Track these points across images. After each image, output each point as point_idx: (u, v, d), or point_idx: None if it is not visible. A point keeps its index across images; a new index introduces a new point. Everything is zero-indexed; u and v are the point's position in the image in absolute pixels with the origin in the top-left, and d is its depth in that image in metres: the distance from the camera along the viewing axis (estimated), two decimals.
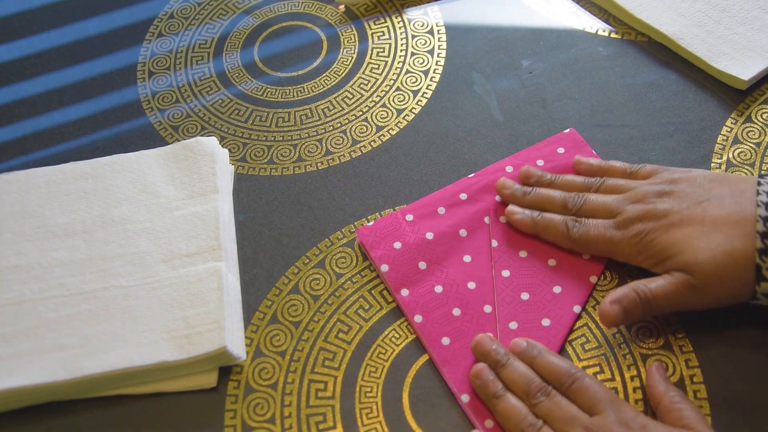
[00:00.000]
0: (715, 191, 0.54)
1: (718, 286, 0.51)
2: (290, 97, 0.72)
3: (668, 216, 0.54)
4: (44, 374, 0.53)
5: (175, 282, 0.57)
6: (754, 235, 0.50)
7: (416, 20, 0.76)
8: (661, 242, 0.53)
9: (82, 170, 0.64)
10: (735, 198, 0.53)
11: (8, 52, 0.77)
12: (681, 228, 0.53)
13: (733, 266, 0.50)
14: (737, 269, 0.50)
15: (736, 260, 0.50)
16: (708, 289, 0.51)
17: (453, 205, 0.61)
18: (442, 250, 0.59)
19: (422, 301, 0.57)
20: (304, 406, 0.54)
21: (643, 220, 0.55)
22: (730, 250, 0.51)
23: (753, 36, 0.69)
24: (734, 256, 0.50)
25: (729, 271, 0.51)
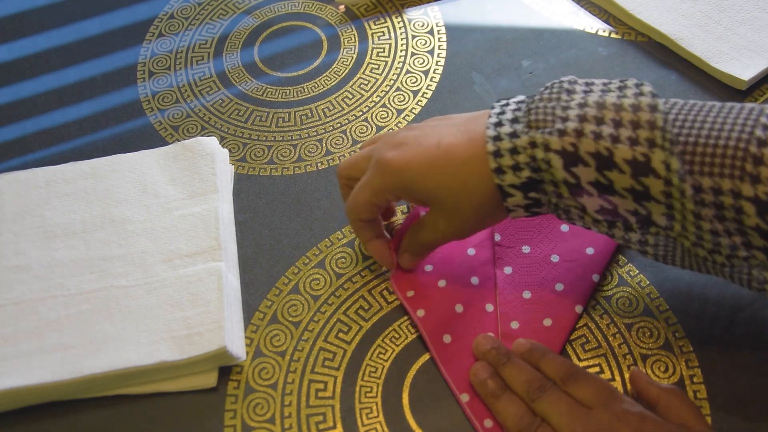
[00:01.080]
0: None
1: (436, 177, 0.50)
2: (290, 97, 0.72)
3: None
4: (44, 374, 0.53)
5: (175, 282, 0.57)
6: (484, 156, 0.49)
7: (416, 20, 0.76)
8: None
9: (82, 170, 0.64)
10: (467, 141, 0.51)
11: (8, 52, 0.77)
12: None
13: (473, 196, 0.50)
14: (477, 198, 0.50)
15: (474, 188, 0.50)
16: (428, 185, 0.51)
17: None
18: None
19: (425, 293, 0.57)
20: (304, 406, 0.54)
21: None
22: (466, 179, 0.50)
23: (753, 36, 0.69)
24: (472, 184, 0.49)
25: (469, 202, 0.50)
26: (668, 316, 0.56)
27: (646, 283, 0.57)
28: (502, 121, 0.49)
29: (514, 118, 0.49)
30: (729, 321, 0.55)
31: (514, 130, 0.48)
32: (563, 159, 0.46)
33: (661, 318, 0.56)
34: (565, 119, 0.46)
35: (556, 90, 0.48)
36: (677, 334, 0.55)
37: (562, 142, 0.46)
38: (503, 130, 0.48)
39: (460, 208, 0.51)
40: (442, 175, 0.50)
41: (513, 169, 0.48)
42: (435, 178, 0.50)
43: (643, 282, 0.57)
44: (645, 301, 0.57)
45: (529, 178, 0.48)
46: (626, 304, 0.57)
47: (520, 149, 0.48)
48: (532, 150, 0.47)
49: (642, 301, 0.57)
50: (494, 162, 0.48)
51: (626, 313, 0.56)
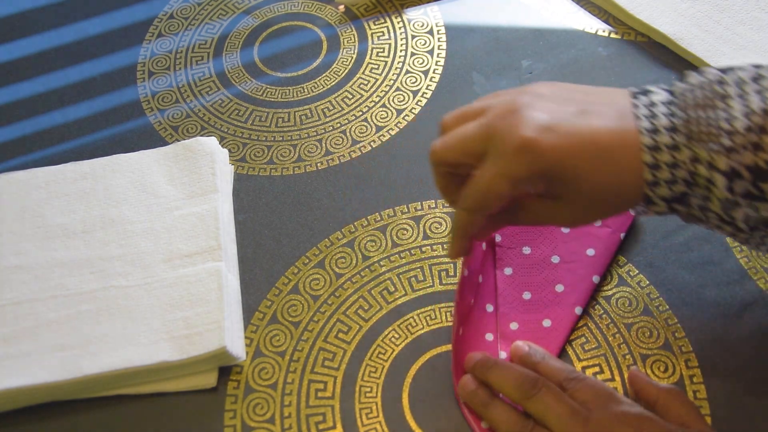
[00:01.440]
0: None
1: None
2: (290, 97, 0.72)
3: None
4: (44, 374, 0.53)
5: (175, 282, 0.57)
6: (640, 162, 0.44)
7: (416, 20, 0.76)
8: None
9: (82, 170, 0.64)
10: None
11: (8, 52, 0.77)
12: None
13: (620, 185, 0.45)
14: (622, 186, 0.45)
15: (623, 179, 0.45)
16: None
17: None
18: None
19: (461, 282, 0.57)
20: (303, 406, 0.54)
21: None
22: (619, 172, 0.45)
23: (752, 36, 0.69)
24: (623, 177, 0.44)
25: (614, 189, 0.45)
26: (668, 316, 0.56)
27: (646, 283, 0.57)
28: (657, 127, 0.44)
29: (671, 126, 0.44)
30: (729, 321, 0.55)
31: (675, 143, 0.44)
32: (727, 179, 0.43)
33: (660, 318, 0.56)
34: (732, 132, 0.42)
35: (708, 93, 0.44)
36: (677, 334, 0.55)
37: (729, 161, 0.42)
38: (661, 140, 0.44)
39: (595, 205, 0.46)
40: (593, 167, 0.44)
41: (668, 183, 0.44)
42: (586, 170, 0.44)
43: (642, 282, 0.57)
44: (645, 301, 0.57)
45: (682, 192, 0.44)
46: (626, 304, 0.57)
47: (680, 164, 0.44)
48: (693, 166, 0.43)
49: (642, 301, 0.57)
50: (650, 174, 0.44)
51: (626, 313, 0.56)
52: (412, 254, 0.60)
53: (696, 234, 0.59)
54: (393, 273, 0.59)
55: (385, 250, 0.61)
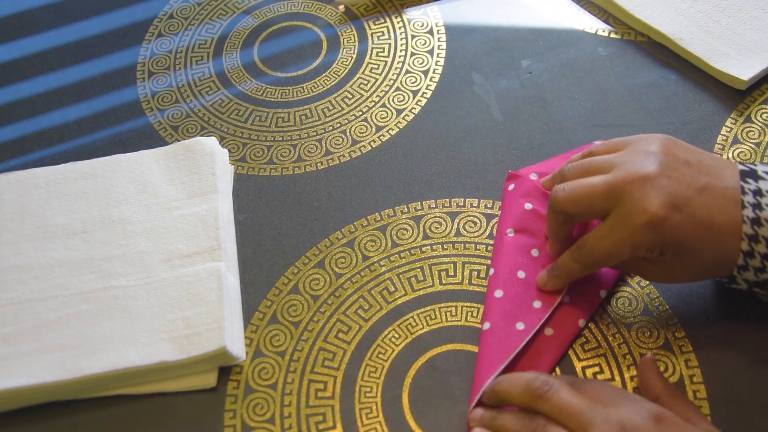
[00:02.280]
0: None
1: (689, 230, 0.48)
2: (290, 97, 0.72)
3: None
4: (44, 374, 0.53)
5: (175, 282, 0.57)
6: (739, 234, 0.49)
7: (416, 20, 0.76)
8: None
9: (81, 170, 0.64)
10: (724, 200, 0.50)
11: (8, 52, 0.77)
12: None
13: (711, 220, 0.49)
14: (715, 246, 0.49)
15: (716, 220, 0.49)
16: (676, 230, 0.48)
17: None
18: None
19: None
20: (303, 406, 0.54)
21: None
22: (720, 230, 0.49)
23: (752, 36, 0.69)
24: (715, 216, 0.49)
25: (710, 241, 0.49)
26: (668, 316, 0.56)
27: (646, 283, 0.57)
28: (759, 218, 0.48)
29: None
30: (729, 321, 0.55)
31: None
32: None
33: (660, 318, 0.56)
34: None
35: None
36: (677, 334, 0.55)
37: None
38: (762, 232, 0.48)
39: (693, 273, 0.51)
40: (704, 246, 0.49)
41: (756, 270, 0.49)
42: (698, 249, 0.49)
43: (642, 282, 0.57)
44: (645, 301, 0.57)
45: (766, 279, 0.49)
46: (626, 304, 0.57)
47: None
48: None
49: (642, 301, 0.57)
50: (743, 260, 0.49)
51: (626, 313, 0.56)
52: (412, 254, 0.60)
53: None
54: (393, 273, 0.59)
55: (385, 250, 0.61)
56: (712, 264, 0.50)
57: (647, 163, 0.49)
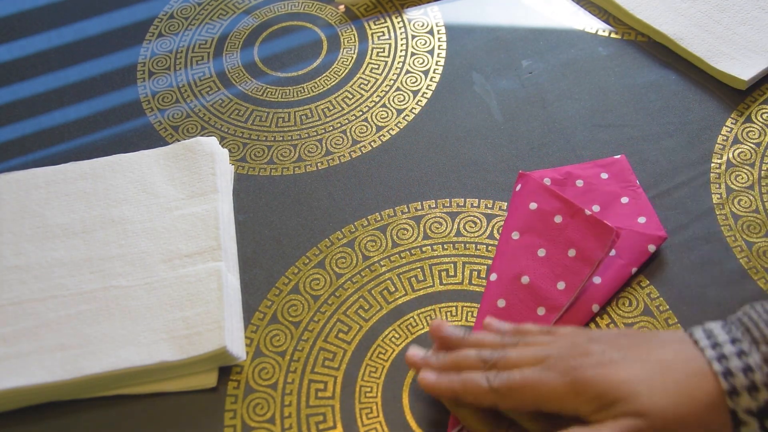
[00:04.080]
0: (649, 336, 0.48)
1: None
2: (290, 97, 0.72)
3: (605, 354, 0.46)
4: (44, 374, 0.53)
5: (175, 282, 0.57)
6: (713, 377, 0.44)
7: (416, 20, 0.76)
8: (602, 381, 0.45)
9: (82, 170, 0.64)
10: (676, 342, 0.47)
11: (8, 52, 0.77)
12: (624, 366, 0.45)
13: (698, 411, 0.43)
14: (703, 414, 0.43)
15: (701, 403, 0.44)
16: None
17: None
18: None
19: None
20: (304, 406, 0.54)
21: (577, 357, 0.46)
22: (691, 392, 0.44)
23: (753, 36, 0.69)
24: (697, 398, 0.44)
25: (693, 416, 0.43)
26: (668, 316, 0.56)
27: (646, 283, 0.57)
28: (725, 354, 0.44)
29: (738, 351, 0.44)
30: None
31: (752, 385, 0.43)
32: None
33: (661, 318, 0.56)
34: None
35: (762, 311, 0.46)
36: None
37: None
38: (732, 365, 0.44)
39: None
40: (686, 428, 0.44)
41: (749, 390, 0.43)
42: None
43: (643, 282, 0.57)
44: (645, 301, 0.57)
45: (766, 401, 0.43)
46: (626, 304, 0.57)
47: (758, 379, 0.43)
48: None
49: (642, 301, 0.57)
50: (726, 383, 0.44)
51: (626, 313, 0.56)
52: (412, 254, 0.60)
53: (696, 234, 0.59)
54: (393, 273, 0.59)
55: (385, 250, 0.61)
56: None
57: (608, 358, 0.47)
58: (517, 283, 0.57)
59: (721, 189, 0.62)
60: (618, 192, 0.61)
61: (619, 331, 0.50)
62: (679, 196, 0.61)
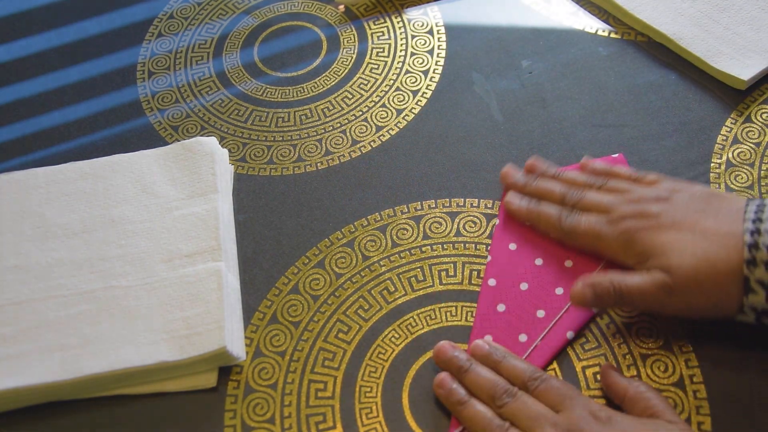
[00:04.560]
0: (713, 205, 0.53)
1: (696, 294, 0.50)
2: (290, 97, 0.72)
3: (659, 217, 0.53)
4: (44, 374, 0.53)
5: (175, 282, 0.57)
6: (741, 248, 0.49)
7: (416, 20, 0.76)
8: (647, 241, 0.53)
9: (82, 170, 0.64)
10: (728, 215, 0.52)
11: (8, 52, 0.77)
12: (670, 231, 0.52)
13: (715, 275, 0.50)
14: (719, 278, 0.50)
15: (719, 269, 0.50)
16: (685, 294, 0.51)
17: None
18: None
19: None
20: (303, 406, 0.54)
21: (635, 218, 0.54)
22: (714, 259, 0.50)
23: (753, 36, 0.69)
24: (717, 265, 0.50)
25: (710, 279, 0.50)
26: (668, 316, 0.56)
27: None
28: (760, 230, 0.49)
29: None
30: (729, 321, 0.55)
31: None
32: None
33: (660, 318, 0.56)
34: None
35: None
36: (677, 334, 0.55)
37: None
38: (761, 240, 0.49)
39: (696, 303, 0.51)
40: (701, 288, 0.51)
41: (766, 265, 0.49)
42: (694, 292, 0.51)
43: None
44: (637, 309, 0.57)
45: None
46: None
47: None
48: None
49: None
50: (749, 253, 0.49)
51: (626, 313, 0.56)
52: (412, 254, 0.60)
53: None
54: (393, 273, 0.59)
55: (385, 250, 0.61)
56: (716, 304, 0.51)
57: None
58: (516, 289, 0.57)
59: (721, 189, 0.62)
60: None
61: (692, 193, 0.54)
62: None
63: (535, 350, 0.54)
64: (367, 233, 0.62)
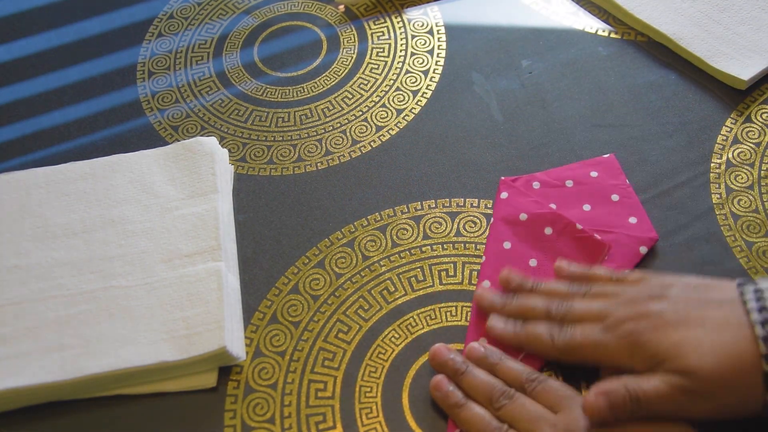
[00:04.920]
0: (711, 294, 0.49)
1: (724, 394, 0.45)
2: (290, 97, 0.72)
3: (663, 316, 0.48)
4: (44, 374, 0.53)
5: (175, 282, 0.57)
6: (755, 340, 0.45)
7: (416, 20, 0.76)
8: (656, 343, 0.47)
9: (82, 170, 0.64)
10: (730, 303, 0.47)
11: (8, 52, 0.77)
12: (679, 329, 0.47)
13: (742, 372, 0.45)
14: (746, 376, 0.45)
15: (745, 365, 0.45)
16: (711, 396, 0.45)
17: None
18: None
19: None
20: (303, 406, 0.54)
21: (636, 320, 0.49)
22: (737, 355, 0.45)
23: (753, 36, 0.69)
24: (743, 360, 0.45)
25: (737, 378, 0.45)
26: None
27: None
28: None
29: None
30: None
31: None
32: None
33: None
34: None
35: None
36: None
37: None
38: None
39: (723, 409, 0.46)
40: (727, 387, 0.46)
41: None
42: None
43: None
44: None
45: None
46: None
47: None
48: None
49: None
50: (765, 347, 0.45)
51: None
52: (412, 254, 0.60)
53: (696, 234, 0.59)
54: (393, 273, 0.59)
55: (385, 250, 0.61)
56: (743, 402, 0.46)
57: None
58: None
59: (721, 189, 0.62)
60: (608, 190, 0.61)
61: (684, 286, 0.50)
62: (678, 196, 0.61)
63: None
64: (367, 233, 0.62)
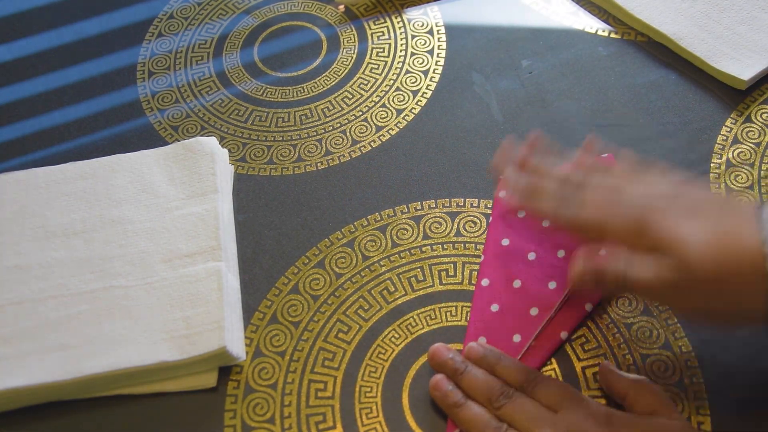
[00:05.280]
0: (728, 207, 0.49)
1: (717, 295, 0.46)
2: (290, 97, 0.72)
3: (678, 202, 0.48)
4: (44, 374, 0.53)
5: (175, 282, 0.57)
6: (760, 250, 0.44)
7: (416, 20, 0.76)
8: (662, 228, 0.47)
9: (82, 170, 0.64)
10: (744, 217, 0.47)
11: (8, 52, 0.77)
12: (689, 220, 0.47)
13: (739, 276, 0.44)
14: (743, 280, 0.44)
15: (742, 271, 0.44)
16: (703, 294, 0.46)
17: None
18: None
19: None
20: (303, 406, 0.54)
21: (649, 197, 0.49)
22: (737, 261, 0.44)
23: (753, 36, 0.69)
24: (741, 266, 0.44)
25: (733, 281, 0.45)
26: (668, 316, 0.56)
27: None
28: None
29: None
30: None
31: None
32: None
33: (661, 318, 0.56)
34: None
35: None
36: (677, 334, 0.55)
37: None
38: None
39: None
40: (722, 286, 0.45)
41: None
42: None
43: None
44: (645, 302, 0.57)
45: None
46: (626, 304, 0.57)
47: None
48: None
49: (642, 302, 0.57)
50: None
51: (626, 313, 0.56)
52: (412, 254, 0.60)
53: None
54: (393, 273, 0.59)
55: (385, 250, 0.61)
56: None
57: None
58: (509, 287, 0.57)
59: (721, 189, 0.62)
60: None
61: (699, 195, 0.49)
62: None
63: (529, 351, 0.54)
64: (367, 233, 0.62)
